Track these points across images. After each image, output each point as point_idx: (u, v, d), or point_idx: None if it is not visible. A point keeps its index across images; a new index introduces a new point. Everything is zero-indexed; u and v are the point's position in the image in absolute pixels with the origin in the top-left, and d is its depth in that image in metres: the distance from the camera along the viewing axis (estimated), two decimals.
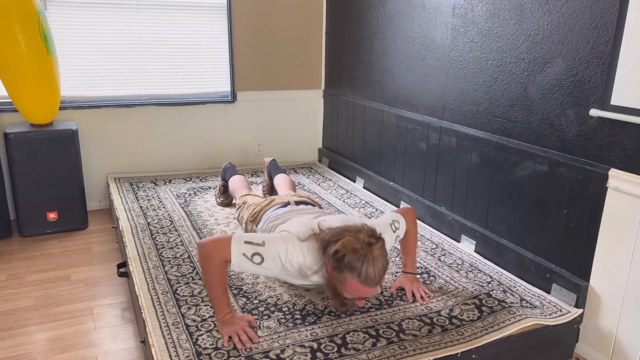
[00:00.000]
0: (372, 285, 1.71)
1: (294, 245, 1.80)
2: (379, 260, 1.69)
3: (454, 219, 2.66)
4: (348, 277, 1.69)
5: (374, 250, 1.69)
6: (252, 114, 3.91)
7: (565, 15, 1.99)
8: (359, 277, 1.67)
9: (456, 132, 2.64)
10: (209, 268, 1.74)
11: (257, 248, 1.76)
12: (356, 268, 1.67)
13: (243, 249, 1.74)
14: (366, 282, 1.68)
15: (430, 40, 2.78)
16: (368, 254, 1.68)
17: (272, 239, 1.82)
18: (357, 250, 1.68)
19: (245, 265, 1.76)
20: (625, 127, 1.80)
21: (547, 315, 1.94)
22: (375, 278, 1.69)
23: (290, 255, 1.78)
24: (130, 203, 3.07)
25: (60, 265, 2.71)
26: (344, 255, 1.67)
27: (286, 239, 1.82)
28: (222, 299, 1.77)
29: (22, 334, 2.11)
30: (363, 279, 1.67)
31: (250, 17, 3.72)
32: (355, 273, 1.67)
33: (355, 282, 1.69)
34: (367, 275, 1.67)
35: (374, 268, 1.68)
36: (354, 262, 1.67)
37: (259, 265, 1.76)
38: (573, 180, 2.01)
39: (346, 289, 1.73)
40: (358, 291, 1.73)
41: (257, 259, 1.75)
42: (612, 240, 1.89)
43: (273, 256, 1.77)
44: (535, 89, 2.16)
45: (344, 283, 1.72)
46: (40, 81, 2.92)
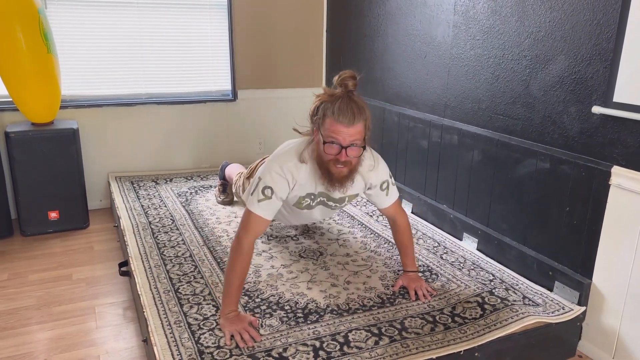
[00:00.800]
0: (346, 121, 1.69)
1: (281, 156, 1.91)
2: (354, 101, 1.72)
3: (456, 216, 2.66)
4: (325, 122, 1.72)
5: (351, 95, 1.73)
6: (252, 112, 3.91)
7: (567, 12, 1.98)
8: (333, 114, 1.69)
9: (458, 130, 2.63)
10: (236, 257, 1.79)
11: (260, 185, 1.85)
12: (330, 107, 1.71)
13: (254, 198, 1.83)
14: (339, 117, 1.68)
15: (432, 38, 2.77)
16: (341, 97, 1.72)
17: (262, 170, 1.91)
18: (331, 94, 1.74)
19: (271, 207, 1.84)
20: (627, 124, 1.80)
21: (549, 313, 1.93)
22: (347, 112, 1.68)
23: (285, 166, 1.86)
24: (131, 202, 3.07)
25: (62, 265, 2.71)
26: (322, 103, 1.74)
27: (272, 160, 1.91)
28: (235, 294, 1.79)
29: (24, 333, 2.11)
30: (336, 114, 1.69)
31: (251, 15, 3.71)
32: (330, 111, 1.71)
33: (329, 121, 1.71)
34: (339, 110, 1.69)
35: (348, 104, 1.70)
36: (329, 104, 1.72)
37: (275, 196, 1.84)
38: (575, 177, 2.01)
39: (324, 134, 1.73)
40: (333, 131, 1.71)
41: (268, 191, 1.83)
42: (615, 237, 1.88)
43: (274, 177, 1.85)
44: (537, 87, 2.15)
45: (323, 129, 1.73)
46: (41, 80, 2.91)
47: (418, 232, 2.69)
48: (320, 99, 1.78)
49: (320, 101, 1.77)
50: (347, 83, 1.75)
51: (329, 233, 2.66)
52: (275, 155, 1.95)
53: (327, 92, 1.78)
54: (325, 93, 1.78)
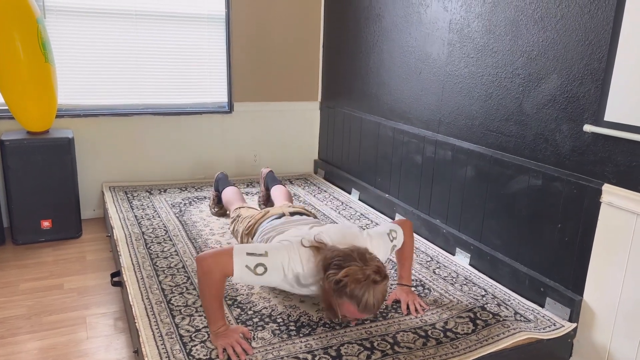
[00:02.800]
0: (370, 313, 1.72)
1: (295, 253, 1.80)
2: (379, 292, 1.68)
3: (449, 231, 2.67)
4: (346, 302, 1.68)
5: (377, 287, 1.67)
6: (248, 124, 3.93)
7: (559, 32, 2.02)
8: (358, 306, 1.67)
9: (451, 146, 2.66)
10: (208, 283, 1.72)
11: (260, 259, 1.75)
12: (356, 297, 1.65)
13: (246, 260, 1.73)
14: (364, 310, 1.68)
15: (427, 55, 2.81)
16: (370, 288, 1.66)
17: (274, 249, 1.81)
18: (359, 282, 1.65)
19: (247, 277, 1.74)
20: (618, 143, 1.82)
21: (541, 329, 1.94)
22: (373, 308, 1.69)
23: (292, 264, 1.77)
24: (125, 212, 3.06)
25: (54, 274, 2.70)
26: (346, 285, 1.66)
27: (287, 248, 1.82)
28: (218, 312, 1.75)
29: (13, 342, 2.09)
30: (362, 308, 1.67)
31: (248, 29, 3.74)
32: (355, 302, 1.66)
33: (353, 309, 1.69)
34: (365, 306, 1.67)
35: (374, 299, 1.67)
36: (355, 292, 1.65)
37: (262, 276, 1.75)
38: (567, 194, 2.03)
39: (342, 310, 1.72)
40: (354, 315, 1.73)
41: (260, 269, 1.74)
42: (606, 254, 1.90)
43: (276, 266, 1.76)
44: (530, 104, 2.18)
45: (341, 306, 1.71)
46: (38, 89, 2.92)
47: None
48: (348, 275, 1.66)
49: (346, 281, 1.66)
50: (376, 279, 1.67)
51: None
52: (291, 248, 1.82)
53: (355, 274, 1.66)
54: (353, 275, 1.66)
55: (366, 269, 1.68)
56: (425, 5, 2.79)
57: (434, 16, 2.73)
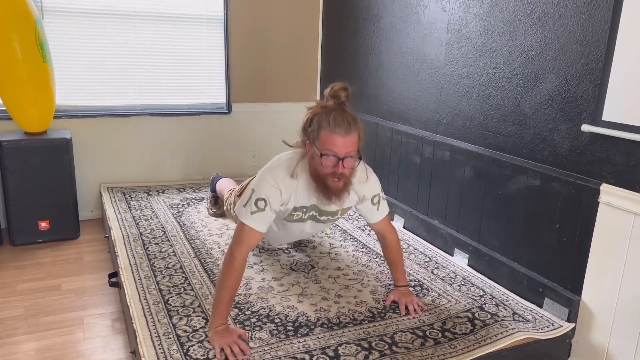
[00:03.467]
0: (342, 133, 1.70)
1: (274, 168, 1.89)
2: (347, 112, 1.73)
3: (447, 232, 2.67)
4: (321, 135, 1.72)
5: (344, 107, 1.74)
6: (247, 125, 3.92)
7: (557, 32, 2.02)
8: (328, 125, 1.70)
9: (450, 146, 2.66)
10: (228, 271, 1.78)
11: (253, 197, 1.83)
12: (324, 119, 1.72)
13: (247, 210, 1.81)
14: (335, 128, 1.70)
15: (425, 55, 2.81)
16: (335, 110, 1.72)
17: (255, 180, 1.91)
18: (324, 107, 1.75)
19: (263, 220, 1.82)
20: (616, 143, 1.82)
21: (539, 330, 1.94)
22: (343, 123, 1.70)
23: (278, 178, 1.85)
24: (122, 213, 3.05)
25: (51, 275, 2.69)
26: (311, 120, 1.75)
27: (265, 171, 1.91)
28: (226, 308, 1.78)
29: (10, 343, 2.09)
30: (332, 125, 1.70)
31: (246, 30, 3.75)
32: (325, 123, 1.71)
33: (325, 133, 1.71)
34: (334, 121, 1.70)
35: (342, 116, 1.71)
36: (322, 119, 1.72)
37: (269, 207, 1.82)
38: (565, 194, 2.03)
39: (322, 146, 1.72)
40: (330, 143, 1.71)
41: (262, 203, 1.81)
42: (604, 254, 1.90)
43: (268, 189, 1.83)
44: (528, 104, 2.18)
45: (319, 145, 1.73)
46: (36, 89, 2.91)
47: (409, 247, 2.70)
48: (313, 111, 1.79)
49: (313, 113, 1.78)
50: (340, 94, 1.76)
51: (320, 246, 2.66)
52: (269, 168, 1.94)
53: (320, 104, 1.79)
54: (317, 105, 1.79)
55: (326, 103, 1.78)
56: (423, 6, 2.79)
57: (432, 17, 2.73)
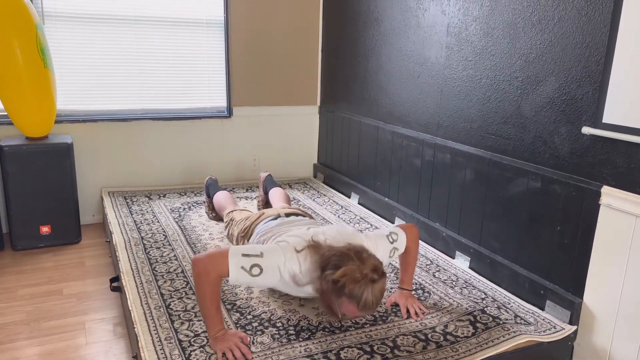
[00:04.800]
0: (369, 311, 1.71)
1: (292, 254, 1.78)
2: (378, 290, 1.67)
3: (449, 235, 2.67)
4: (345, 301, 1.67)
5: (375, 285, 1.66)
6: (247, 129, 3.93)
7: (557, 35, 2.02)
8: (357, 304, 1.65)
9: (450, 149, 2.66)
10: (204, 284, 1.70)
11: (256, 260, 1.74)
12: (355, 297, 1.64)
13: (241, 262, 1.72)
14: (364, 309, 1.67)
15: (425, 58, 2.81)
16: (369, 287, 1.65)
17: (270, 250, 1.80)
18: (358, 281, 1.64)
19: (243, 278, 1.73)
20: (616, 145, 1.82)
21: (541, 332, 1.94)
22: (373, 306, 1.67)
23: (288, 265, 1.76)
24: (124, 217, 3.06)
25: (53, 280, 2.69)
26: (344, 285, 1.64)
27: (283, 249, 1.80)
28: (216, 315, 1.75)
29: (12, 348, 2.09)
30: (361, 307, 1.66)
31: (247, 34, 3.75)
32: (354, 301, 1.65)
33: (353, 308, 1.68)
34: (365, 304, 1.65)
35: (373, 297, 1.66)
36: (354, 292, 1.64)
37: (258, 277, 1.74)
38: (566, 197, 2.03)
39: (341, 309, 1.71)
40: (354, 314, 1.72)
41: (256, 270, 1.73)
42: (605, 256, 1.90)
43: (272, 267, 1.75)
44: (529, 107, 2.18)
45: (340, 305, 1.70)
46: (37, 95, 2.92)
47: None
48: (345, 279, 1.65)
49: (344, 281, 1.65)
50: (374, 277, 1.67)
51: None
52: (287, 249, 1.81)
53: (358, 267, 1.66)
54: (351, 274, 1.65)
55: (363, 267, 1.67)
56: (423, 9, 2.80)
57: (432, 20, 2.73)
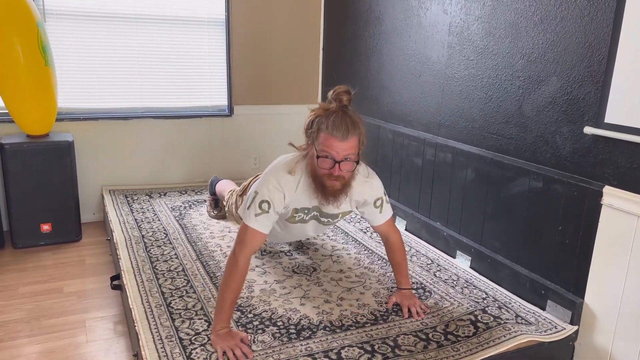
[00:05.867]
0: (340, 136, 1.71)
1: (277, 170, 1.90)
2: (348, 115, 1.74)
3: (449, 234, 2.66)
4: (319, 136, 1.75)
5: (346, 110, 1.76)
6: (248, 127, 3.93)
7: (559, 35, 2.02)
8: (327, 128, 1.72)
9: (451, 148, 2.65)
10: (231, 273, 1.77)
11: (257, 199, 1.84)
12: (324, 122, 1.73)
13: (252, 212, 1.82)
14: (333, 131, 1.71)
15: (427, 58, 2.81)
16: (336, 112, 1.74)
17: (258, 183, 1.90)
18: (326, 109, 1.76)
19: (267, 221, 1.84)
20: (618, 145, 1.82)
21: (542, 332, 1.93)
22: (341, 127, 1.71)
23: (282, 181, 1.86)
24: (124, 215, 3.05)
25: (53, 278, 2.69)
26: (314, 120, 1.76)
27: (268, 174, 1.91)
28: (228, 310, 1.77)
29: (12, 346, 2.09)
30: (330, 128, 1.71)
31: (248, 32, 3.75)
32: (324, 126, 1.73)
33: (323, 135, 1.73)
34: (333, 124, 1.71)
35: (342, 119, 1.72)
36: (323, 118, 1.74)
37: (272, 209, 1.83)
38: (568, 197, 2.03)
39: (318, 148, 1.75)
40: (327, 145, 1.73)
41: (265, 206, 1.82)
42: (607, 256, 1.89)
43: (271, 191, 1.84)
44: (530, 107, 2.18)
45: (318, 146, 1.75)
46: (38, 93, 2.92)
47: (411, 249, 2.69)
48: (315, 113, 1.80)
49: (315, 115, 1.79)
50: (342, 98, 1.78)
51: (322, 249, 2.65)
52: (271, 169, 1.95)
53: (322, 106, 1.80)
54: (320, 107, 1.80)
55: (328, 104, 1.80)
56: (425, 8, 2.79)
57: (433, 19, 2.73)
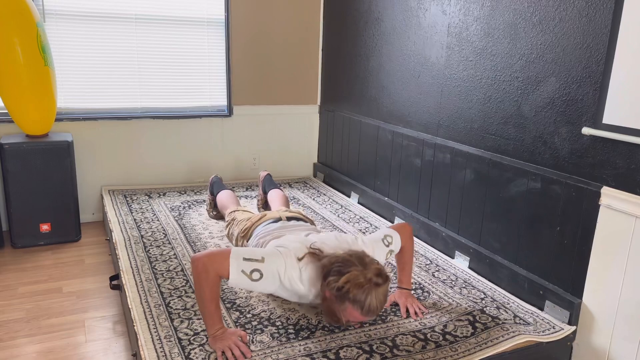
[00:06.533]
0: (373, 316, 1.73)
1: (292, 261, 1.79)
2: (381, 294, 1.70)
3: (448, 234, 2.67)
4: (349, 307, 1.69)
5: (379, 289, 1.68)
6: (248, 128, 3.93)
7: (558, 35, 2.02)
8: (361, 309, 1.68)
9: (450, 149, 2.66)
10: (203, 283, 1.70)
11: (257, 264, 1.73)
12: (359, 302, 1.66)
13: (242, 265, 1.71)
14: (368, 314, 1.70)
15: (426, 58, 2.81)
16: (372, 291, 1.67)
17: (271, 255, 1.79)
18: (362, 286, 1.66)
19: (242, 282, 1.73)
20: (617, 146, 1.83)
21: (540, 332, 1.94)
22: (377, 310, 1.70)
23: (289, 272, 1.77)
24: (124, 215, 3.06)
25: (52, 277, 2.69)
26: (348, 291, 1.66)
27: (284, 255, 1.80)
28: (215, 314, 1.74)
29: (12, 346, 2.09)
30: (365, 312, 1.68)
31: (247, 32, 3.75)
32: (358, 306, 1.67)
33: (357, 314, 1.70)
34: (369, 309, 1.68)
35: (377, 301, 1.68)
36: (357, 297, 1.66)
37: (257, 282, 1.74)
38: (566, 197, 2.03)
39: (345, 315, 1.73)
40: (357, 319, 1.74)
41: (256, 275, 1.73)
42: (605, 257, 1.90)
43: (272, 273, 1.75)
44: (529, 107, 2.19)
45: (344, 311, 1.72)
46: (37, 93, 2.92)
47: None
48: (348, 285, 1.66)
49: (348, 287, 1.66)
50: (379, 281, 1.69)
51: None
52: (287, 256, 1.80)
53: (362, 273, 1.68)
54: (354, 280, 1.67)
55: (367, 272, 1.68)
56: (424, 9, 2.80)
57: (432, 20, 2.73)
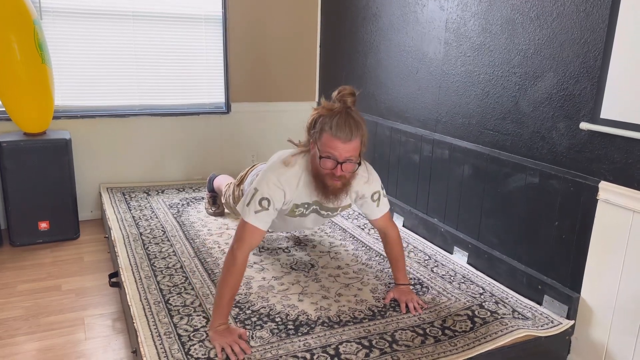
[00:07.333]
0: (343, 138, 1.72)
1: (280, 168, 1.89)
2: (352, 117, 1.74)
3: (447, 230, 2.67)
4: (322, 136, 1.75)
5: (350, 111, 1.76)
6: (246, 125, 3.93)
7: (555, 31, 2.02)
8: (330, 129, 1.72)
9: (449, 145, 2.66)
10: (229, 270, 1.77)
11: (257, 196, 1.83)
12: (328, 122, 1.73)
13: (252, 209, 1.82)
14: (337, 132, 1.71)
15: (424, 54, 2.81)
16: (339, 113, 1.73)
17: (259, 180, 1.89)
18: (332, 109, 1.76)
19: (267, 218, 1.84)
20: (614, 140, 1.83)
21: (538, 327, 1.95)
22: (345, 129, 1.72)
23: (282, 177, 1.86)
24: (122, 213, 3.06)
25: (51, 275, 2.69)
26: (316, 121, 1.76)
27: (269, 170, 1.90)
28: (226, 307, 1.78)
29: (11, 344, 2.09)
30: (334, 130, 1.71)
31: (245, 29, 3.75)
32: (327, 126, 1.73)
33: (327, 136, 1.73)
34: (337, 125, 1.71)
35: (346, 121, 1.72)
36: (327, 119, 1.74)
37: (272, 206, 1.83)
38: (564, 192, 2.04)
39: (321, 148, 1.76)
40: (330, 146, 1.74)
41: (265, 202, 1.82)
42: (603, 251, 1.90)
43: (271, 188, 1.84)
44: (527, 103, 2.19)
45: (321, 147, 1.75)
46: (35, 90, 2.91)
47: (409, 245, 2.70)
48: (318, 113, 1.80)
49: (319, 115, 1.79)
50: (346, 99, 1.77)
51: (320, 245, 2.66)
52: (271, 166, 1.94)
53: (326, 106, 1.80)
54: (324, 107, 1.80)
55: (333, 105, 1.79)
56: (421, 4, 2.79)
57: (430, 15, 2.73)
